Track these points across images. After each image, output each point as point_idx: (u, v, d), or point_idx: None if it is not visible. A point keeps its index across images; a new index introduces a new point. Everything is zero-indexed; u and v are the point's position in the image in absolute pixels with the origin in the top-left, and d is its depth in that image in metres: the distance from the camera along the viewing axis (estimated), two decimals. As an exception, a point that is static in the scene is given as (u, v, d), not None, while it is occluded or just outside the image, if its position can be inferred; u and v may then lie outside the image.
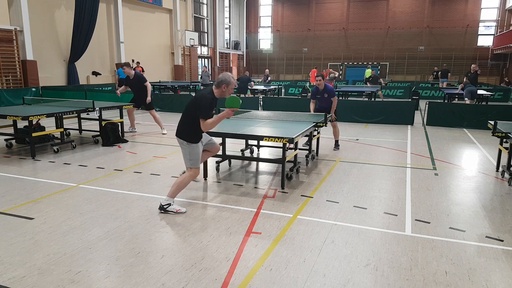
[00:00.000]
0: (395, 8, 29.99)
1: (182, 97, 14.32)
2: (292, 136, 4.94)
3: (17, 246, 3.51)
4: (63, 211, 4.35)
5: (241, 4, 33.75)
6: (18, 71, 14.61)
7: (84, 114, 8.69)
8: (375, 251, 3.51)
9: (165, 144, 8.21)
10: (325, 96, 7.67)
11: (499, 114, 10.23)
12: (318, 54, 32.39)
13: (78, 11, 16.56)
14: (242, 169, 6.38)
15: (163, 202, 4.38)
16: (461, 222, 4.20)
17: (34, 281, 2.95)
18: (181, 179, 4.42)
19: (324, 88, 7.65)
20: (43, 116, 6.98)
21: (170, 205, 4.35)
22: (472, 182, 5.74)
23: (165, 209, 4.35)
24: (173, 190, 4.38)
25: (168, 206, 4.35)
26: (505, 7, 27.69)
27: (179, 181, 4.40)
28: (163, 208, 4.35)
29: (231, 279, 3.02)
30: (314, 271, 3.15)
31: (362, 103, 12.47)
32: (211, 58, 29.79)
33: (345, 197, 4.97)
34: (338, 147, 8.02)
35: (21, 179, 5.55)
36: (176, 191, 4.40)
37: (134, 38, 20.84)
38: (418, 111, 13.92)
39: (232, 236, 3.78)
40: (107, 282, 2.96)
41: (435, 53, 29.31)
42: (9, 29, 14.02)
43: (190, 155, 4.41)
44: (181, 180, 4.41)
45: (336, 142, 8.04)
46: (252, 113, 7.56)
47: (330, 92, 7.66)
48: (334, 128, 7.96)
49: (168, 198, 4.38)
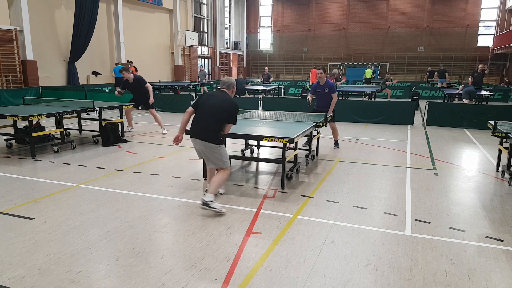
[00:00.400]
0: (395, 8, 29.98)
1: (182, 97, 14.33)
2: (292, 136, 4.94)
3: (17, 246, 3.51)
4: (63, 211, 4.35)
5: (241, 4, 33.75)
6: (18, 71, 14.61)
7: (84, 114, 8.69)
8: (375, 251, 3.51)
9: (165, 144, 8.21)
10: (325, 91, 7.62)
11: (499, 114, 10.23)
12: (318, 54, 32.38)
13: (78, 11, 16.55)
14: (242, 169, 6.38)
15: (206, 198, 4.35)
16: (461, 222, 4.20)
17: (34, 281, 2.95)
18: (219, 177, 4.51)
19: (325, 83, 7.64)
20: (43, 116, 6.98)
21: (213, 202, 4.37)
22: (472, 182, 5.74)
23: (209, 206, 4.32)
24: (214, 188, 4.44)
25: (212, 203, 4.35)
26: (505, 7, 27.69)
27: (218, 179, 4.49)
28: (207, 204, 4.32)
29: (231, 279, 3.02)
30: (314, 271, 3.15)
31: (362, 103, 12.47)
32: (211, 58, 29.79)
33: (345, 197, 4.97)
34: (338, 146, 8.05)
35: (21, 179, 5.55)
36: (216, 188, 4.47)
37: (134, 38, 20.84)
38: (418, 111, 13.92)
39: (232, 236, 3.78)
40: (107, 282, 2.96)
41: (435, 53, 29.31)
42: (9, 29, 14.02)
43: (223, 156, 4.56)
44: (219, 178, 4.51)
45: (336, 142, 8.07)
46: (252, 113, 7.56)
47: (331, 87, 7.62)
48: (333, 131, 7.98)
49: (210, 195, 4.39)
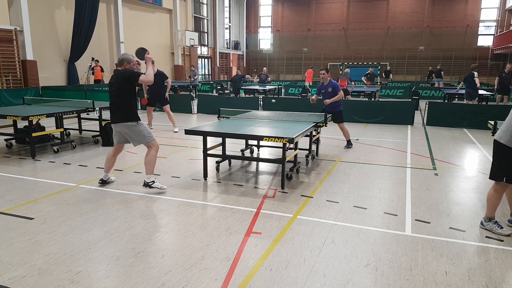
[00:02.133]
0: (395, 8, 30.00)
1: (182, 97, 14.33)
2: (292, 136, 4.94)
3: (17, 246, 3.51)
4: (63, 211, 4.35)
5: (241, 4, 33.75)
6: (18, 71, 14.61)
7: (84, 114, 8.69)
8: (375, 251, 3.51)
9: (165, 144, 8.20)
10: (329, 91, 7.67)
11: (499, 114, 10.22)
12: (318, 54, 32.40)
13: (78, 11, 16.56)
14: (242, 169, 6.38)
15: (147, 179, 4.86)
16: (461, 222, 4.20)
17: (34, 281, 2.95)
18: (149, 156, 4.86)
19: (328, 83, 7.71)
20: (43, 116, 6.98)
21: (154, 182, 4.87)
22: (472, 182, 5.74)
23: (150, 186, 4.87)
24: (148, 168, 4.84)
25: (152, 183, 4.87)
26: (505, 7, 27.70)
27: (149, 158, 4.86)
28: (148, 184, 4.85)
29: (231, 279, 3.02)
30: (314, 271, 3.15)
31: (362, 103, 12.48)
32: (211, 58, 29.79)
33: (345, 197, 4.97)
34: (350, 145, 8.03)
35: (21, 179, 5.55)
36: (151, 168, 4.87)
37: (134, 38, 20.83)
38: (418, 111, 13.92)
39: (232, 236, 3.78)
40: (107, 282, 2.96)
41: (435, 53, 29.32)
42: (9, 29, 14.03)
43: (143, 131, 4.82)
44: (149, 158, 4.85)
45: (348, 142, 8.05)
46: (252, 113, 7.56)
47: (335, 86, 7.67)
48: (342, 131, 7.99)
49: (149, 176, 4.88)
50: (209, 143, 5.80)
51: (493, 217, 3.94)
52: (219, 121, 6.65)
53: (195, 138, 8.26)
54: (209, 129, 5.64)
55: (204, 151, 5.59)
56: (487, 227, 3.94)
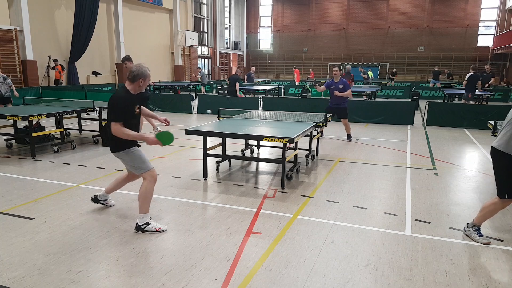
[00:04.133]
0: (395, 8, 30.01)
1: (182, 97, 14.33)
2: (292, 136, 4.94)
3: (17, 246, 3.51)
4: (63, 211, 4.35)
5: (241, 4, 33.76)
6: (18, 71, 14.61)
7: (84, 114, 8.69)
8: (375, 251, 3.51)
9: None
10: (339, 87, 8.21)
11: (499, 114, 10.21)
12: (318, 54, 32.41)
13: (78, 11, 16.56)
14: (242, 169, 6.38)
15: (140, 221, 3.80)
16: (461, 222, 4.19)
17: (34, 281, 2.95)
18: (142, 190, 3.80)
19: (339, 80, 8.27)
20: (43, 116, 6.98)
21: (148, 224, 3.80)
22: (472, 182, 5.74)
23: (143, 229, 3.79)
24: (141, 205, 3.80)
25: (145, 226, 3.79)
26: (505, 7, 27.70)
27: (142, 192, 3.80)
28: (140, 228, 3.78)
29: (231, 279, 3.02)
30: (314, 271, 3.15)
31: (362, 103, 12.48)
32: (211, 58, 29.79)
33: (345, 197, 4.97)
34: (350, 138, 8.64)
35: (21, 179, 5.55)
36: (145, 205, 3.81)
37: (134, 38, 20.85)
38: (418, 111, 13.92)
39: (232, 236, 3.78)
40: (107, 282, 2.96)
41: (435, 53, 29.33)
42: (9, 29, 14.03)
43: (134, 161, 3.84)
44: (143, 191, 3.80)
45: (349, 135, 8.67)
46: (252, 113, 7.56)
47: (345, 84, 8.25)
48: (345, 126, 8.60)
49: (143, 216, 3.80)
50: (209, 143, 5.80)
51: (479, 226, 3.77)
52: (219, 121, 6.66)
53: (195, 138, 8.26)
54: (209, 129, 5.65)
55: (204, 151, 5.59)
56: (467, 232, 3.81)
